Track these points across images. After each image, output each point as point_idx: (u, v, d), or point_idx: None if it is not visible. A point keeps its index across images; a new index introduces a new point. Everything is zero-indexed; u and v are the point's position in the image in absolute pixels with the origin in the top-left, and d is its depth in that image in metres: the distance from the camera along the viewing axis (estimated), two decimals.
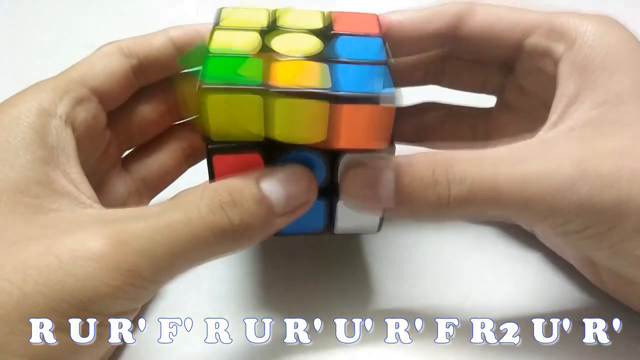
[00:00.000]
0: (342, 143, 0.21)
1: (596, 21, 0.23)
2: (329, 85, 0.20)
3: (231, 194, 0.20)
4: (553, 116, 0.22)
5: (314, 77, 0.20)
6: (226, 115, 0.20)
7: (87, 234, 0.19)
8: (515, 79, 0.27)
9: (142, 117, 0.27)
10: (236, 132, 0.20)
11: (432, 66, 0.28)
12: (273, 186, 0.20)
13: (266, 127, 0.20)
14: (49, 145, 0.21)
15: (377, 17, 0.25)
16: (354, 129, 0.20)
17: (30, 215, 0.20)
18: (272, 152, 0.21)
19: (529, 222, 0.21)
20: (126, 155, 0.28)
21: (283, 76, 0.20)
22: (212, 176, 0.22)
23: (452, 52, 0.27)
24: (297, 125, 0.20)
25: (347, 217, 0.24)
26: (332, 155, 0.22)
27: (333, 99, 0.19)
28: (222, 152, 0.21)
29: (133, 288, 0.19)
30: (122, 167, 0.27)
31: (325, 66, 0.21)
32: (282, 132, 0.20)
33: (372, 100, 0.20)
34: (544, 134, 0.22)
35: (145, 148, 0.28)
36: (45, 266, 0.18)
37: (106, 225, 0.19)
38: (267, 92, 0.19)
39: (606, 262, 0.22)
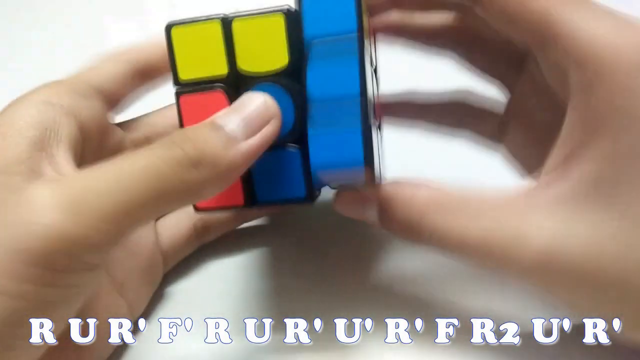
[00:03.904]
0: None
1: (628, 49, 0.18)
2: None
3: (184, 132, 0.20)
4: (553, 159, 0.21)
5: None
6: (190, 48, 0.22)
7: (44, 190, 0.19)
8: (529, 74, 0.25)
9: (152, 124, 0.27)
10: (202, 68, 0.22)
11: (450, 32, 0.27)
12: (226, 114, 0.21)
13: (229, 57, 0.22)
14: (42, 127, 0.21)
15: None
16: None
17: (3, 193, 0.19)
18: (237, 91, 0.22)
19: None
20: None
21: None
22: (181, 120, 0.23)
23: (473, 21, 0.26)
24: (257, 48, 0.22)
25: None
26: (297, 89, 0.22)
27: (288, 14, 0.21)
28: (188, 92, 0.22)
29: (96, 233, 0.18)
30: None
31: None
32: (244, 60, 0.22)
33: None
34: (534, 190, 0.21)
35: None
36: (3, 225, 0.18)
37: (60, 183, 0.19)
38: (226, 17, 0.21)
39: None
